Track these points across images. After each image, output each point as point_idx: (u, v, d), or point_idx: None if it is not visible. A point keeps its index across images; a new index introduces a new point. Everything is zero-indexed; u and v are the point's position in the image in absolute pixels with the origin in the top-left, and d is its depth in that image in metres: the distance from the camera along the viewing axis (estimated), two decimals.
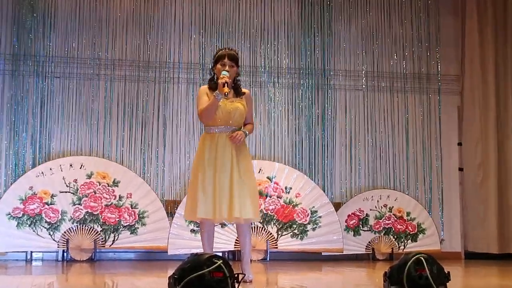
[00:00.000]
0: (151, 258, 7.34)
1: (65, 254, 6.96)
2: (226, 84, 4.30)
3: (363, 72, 8.06)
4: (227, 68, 4.41)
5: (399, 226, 7.75)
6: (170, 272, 3.21)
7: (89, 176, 7.08)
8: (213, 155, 4.38)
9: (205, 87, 4.50)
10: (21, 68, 7.30)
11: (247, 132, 4.51)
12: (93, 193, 7.04)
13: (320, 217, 7.43)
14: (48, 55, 7.36)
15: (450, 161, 8.20)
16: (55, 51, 7.39)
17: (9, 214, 6.84)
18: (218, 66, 4.45)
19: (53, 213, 6.92)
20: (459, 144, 8.26)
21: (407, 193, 7.93)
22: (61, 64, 7.40)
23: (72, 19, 7.48)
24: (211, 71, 4.57)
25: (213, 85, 4.45)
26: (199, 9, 7.77)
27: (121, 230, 7.03)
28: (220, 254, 4.15)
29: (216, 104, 4.32)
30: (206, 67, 7.64)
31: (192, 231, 7.04)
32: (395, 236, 7.72)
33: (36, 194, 6.92)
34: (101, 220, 7.01)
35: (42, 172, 7.01)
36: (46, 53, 7.36)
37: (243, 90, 4.62)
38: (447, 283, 3.38)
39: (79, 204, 6.99)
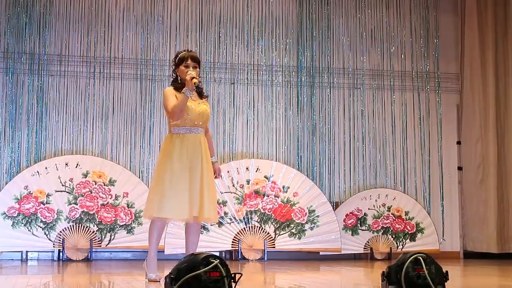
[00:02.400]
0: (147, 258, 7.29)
1: (61, 253, 6.93)
2: (194, 78, 4.37)
3: (361, 70, 8.03)
4: (191, 69, 4.44)
5: (397, 226, 7.71)
6: (167, 272, 3.18)
7: (85, 175, 7.04)
8: (184, 155, 4.39)
9: (170, 88, 4.52)
10: (16, 66, 7.26)
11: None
12: (89, 192, 7.00)
13: (318, 216, 7.40)
14: (43, 53, 7.32)
15: (449, 160, 8.17)
16: (50, 49, 7.35)
17: (4, 213, 6.80)
18: (182, 67, 4.49)
19: (48, 213, 6.88)
20: (458, 143, 8.23)
21: (405, 192, 7.90)
22: (56, 62, 7.36)
23: (67, 17, 7.44)
24: (173, 73, 4.59)
25: (178, 86, 4.46)
26: (196, 7, 7.73)
27: (118, 230, 6.99)
28: (217, 254, 4.12)
29: (187, 100, 4.34)
30: (203, 65, 7.61)
31: None
32: (394, 236, 7.69)
33: (32, 194, 6.88)
34: (97, 220, 6.97)
35: (38, 171, 6.97)
36: (41, 51, 7.32)
37: (205, 94, 4.69)
38: (446, 283, 3.35)
39: (75, 203, 6.95)
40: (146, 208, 4.48)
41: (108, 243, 6.97)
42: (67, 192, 6.96)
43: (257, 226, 7.29)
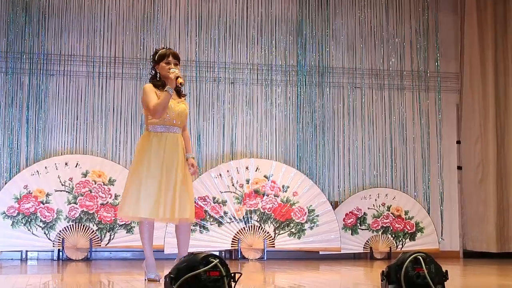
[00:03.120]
0: None
1: (60, 253, 6.93)
2: (179, 77, 4.35)
3: (361, 70, 8.03)
4: (172, 66, 4.43)
5: (397, 225, 7.71)
6: (167, 271, 3.18)
7: (85, 175, 7.04)
8: (161, 154, 4.36)
9: (150, 85, 4.48)
10: (16, 66, 7.25)
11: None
12: (89, 192, 7.00)
13: (317, 216, 7.40)
14: (43, 53, 7.32)
15: (449, 160, 8.17)
16: (50, 49, 7.35)
17: (4, 213, 6.79)
18: (163, 64, 4.46)
19: (48, 212, 6.88)
20: (458, 142, 8.23)
21: (405, 191, 7.90)
22: (56, 62, 7.36)
23: (66, 17, 7.44)
24: (152, 70, 4.56)
25: (158, 83, 4.44)
26: (195, 6, 7.72)
27: (117, 229, 6.99)
28: (217, 253, 4.11)
29: (169, 98, 4.32)
30: (203, 64, 7.62)
31: None
32: (393, 235, 7.69)
33: (31, 193, 6.88)
34: (97, 219, 6.97)
35: (37, 171, 6.97)
36: (41, 51, 7.31)
37: (183, 93, 4.66)
38: (445, 282, 3.35)
39: (74, 203, 6.95)
40: (121, 207, 4.42)
41: (108, 243, 6.97)
42: (66, 191, 6.96)
43: (257, 226, 7.29)
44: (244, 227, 7.27)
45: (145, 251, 4.46)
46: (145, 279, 4.45)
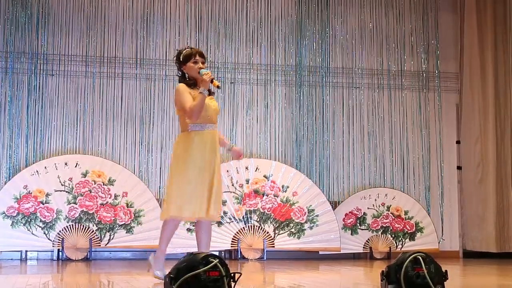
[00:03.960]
0: (147, 257, 7.21)
1: (60, 253, 6.92)
2: (213, 79, 4.35)
3: (361, 70, 8.02)
4: (200, 65, 4.43)
5: (397, 225, 7.71)
6: (166, 271, 3.17)
7: (84, 175, 7.04)
8: (205, 152, 4.37)
9: (184, 85, 4.46)
10: (15, 66, 7.25)
11: None
12: (89, 192, 7.00)
13: (317, 215, 7.40)
14: (43, 52, 7.32)
15: (449, 160, 8.17)
16: (49, 49, 7.35)
17: (4, 213, 6.79)
18: (190, 64, 4.45)
19: (48, 212, 6.87)
20: (458, 142, 8.22)
21: (405, 191, 7.89)
22: (56, 62, 7.36)
23: (66, 17, 7.44)
24: (179, 71, 4.55)
25: (190, 82, 4.43)
26: (194, 6, 7.72)
27: (117, 229, 6.99)
28: (217, 253, 4.11)
29: (204, 100, 4.32)
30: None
31: (188, 230, 7.00)
32: (393, 235, 7.69)
33: (31, 193, 6.88)
34: (97, 219, 6.97)
35: (37, 171, 6.96)
36: (40, 50, 7.31)
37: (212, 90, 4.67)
38: (445, 282, 3.35)
39: (74, 203, 6.95)
40: (167, 208, 4.37)
41: (108, 243, 6.97)
42: (66, 191, 6.96)
43: (257, 226, 7.29)
44: (243, 227, 7.27)
45: (161, 246, 4.43)
46: (150, 272, 4.42)
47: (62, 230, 6.90)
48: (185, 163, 4.38)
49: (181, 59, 4.50)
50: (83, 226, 6.95)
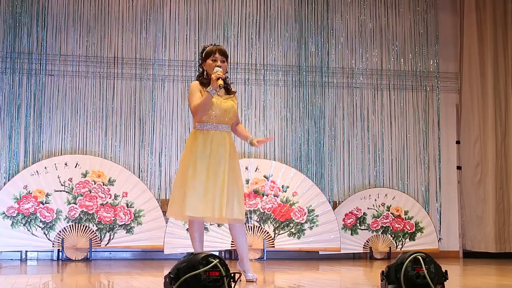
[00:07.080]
0: (147, 257, 7.31)
1: (60, 253, 6.92)
2: (219, 78, 4.29)
3: (360, 70, 8.03)
4: (219, 63, 4.39)
5: (397, 225, 7.71)
6: (166, 271, 3.18)
7: (84, 175, 7.04)
8: (207, 153, 4.33)
9: (197, 83, 4.45)
10: (15, 66, 7.25)
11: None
12: (89, 192, 7.00)
13: (317, 216, 7.40)
14: (42, 53, 7.32)
15: (448, 160, 8.17)
16: (49, 49, 7.35)
17: (4, 213, 6.79)
18: (209, 61, 4.42)
19: (48, 212, 6.88)
20: (458, 142, 8.23)
21: (404, 191, 7.90)
22: (55, 62, 7.36)
23: (66, 17, 7.44)
24: (199, 68, 4.54)
25: (205, 81, 4.42)
26: (194, 6, 7.72)
27: (117, 229, 6.99)
28: (217, 253, 4.12)
29: (210, 99, 4.29)
30: None
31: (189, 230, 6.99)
32: (393, 235, 7.69)
33: (31, 193, 6.88)
34: (97, 219, 6.97)
35: (37, 171, 6.96)
36: (40, 51, 7.31)
37: (233, 89, 4.62)
38: (445, 282, 3.35)
39: (74, 203, 6.95)
40: (170, 208, 4.43)
41: (108, 243, 6.97)
42: (66, 191, 6.96)
43: (257, 226, 7.29)
44: None
45: (194, 250, 4.41)
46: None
47: (62, 230, 6.90)
48: (186, 162, 4.39)
49: (203, 56, 4.47)
50: (83, 226, 6.95)
